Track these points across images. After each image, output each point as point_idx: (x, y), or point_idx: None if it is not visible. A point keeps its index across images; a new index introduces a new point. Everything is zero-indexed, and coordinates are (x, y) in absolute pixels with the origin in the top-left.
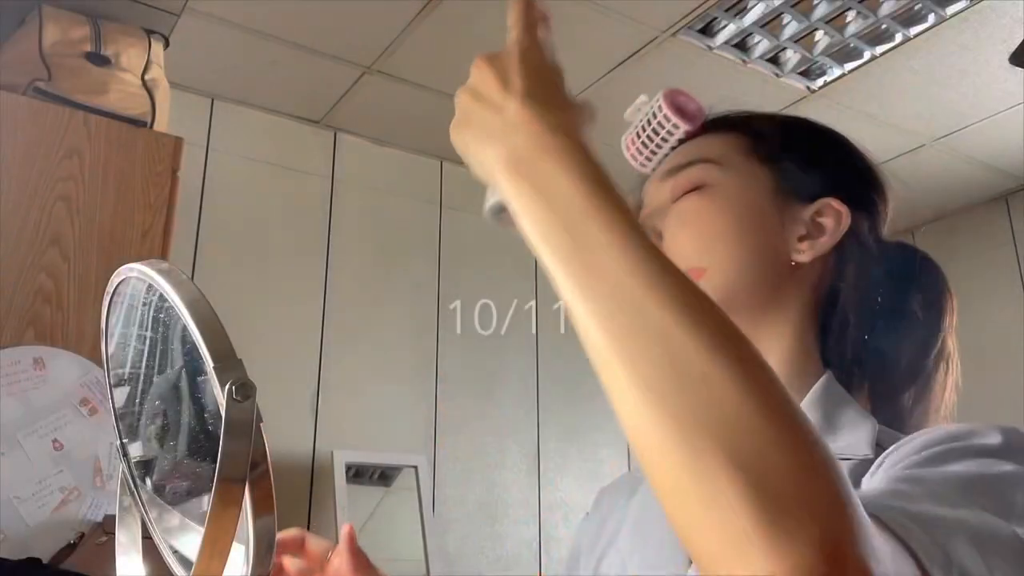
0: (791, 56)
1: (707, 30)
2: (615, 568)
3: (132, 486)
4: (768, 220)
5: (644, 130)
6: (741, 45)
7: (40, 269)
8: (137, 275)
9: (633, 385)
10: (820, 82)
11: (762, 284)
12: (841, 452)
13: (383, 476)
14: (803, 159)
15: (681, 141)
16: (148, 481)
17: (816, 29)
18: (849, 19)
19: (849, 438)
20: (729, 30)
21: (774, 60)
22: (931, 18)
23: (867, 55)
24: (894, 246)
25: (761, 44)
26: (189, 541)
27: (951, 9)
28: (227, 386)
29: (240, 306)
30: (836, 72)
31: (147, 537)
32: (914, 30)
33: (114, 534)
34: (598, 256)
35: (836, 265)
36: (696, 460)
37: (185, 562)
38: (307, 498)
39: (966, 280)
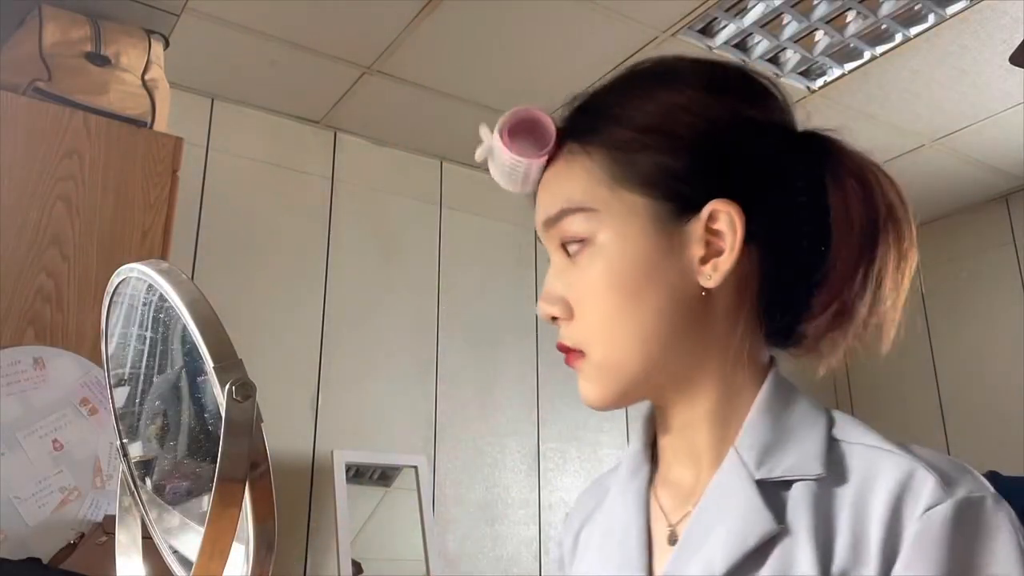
0: (791, 56)
1: (707, 30)
2: None
3: (132, 486)
4: (661, 264)
5: (501, 169)
6: (741, 45)
7: (40, 269)
8: (137, 275)
9: None
10: (820, 82)
11: (676, 339)
12: (789, 473)
13: (383, 476)
14: (670, 159)
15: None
16: (148, 481)
17: (816, 29)
18: (849, 19)
19: (797, 452)
20: (729, 30)
21: (774, 60)
22: (931, 18)
23: (867, 55)
24: (802, 173)
25: (761, 44)
26: (189, 541)
27: (951, 9)
28: (227, 386)
29: (240, 306)
30: (836, 72)
31: (147, 537)
32: (914, 30)
33: (114, 534)
34: None
35: (758, 253)
36: None
37: (185, 562)
38: (307, 498)
39: (966, 280)
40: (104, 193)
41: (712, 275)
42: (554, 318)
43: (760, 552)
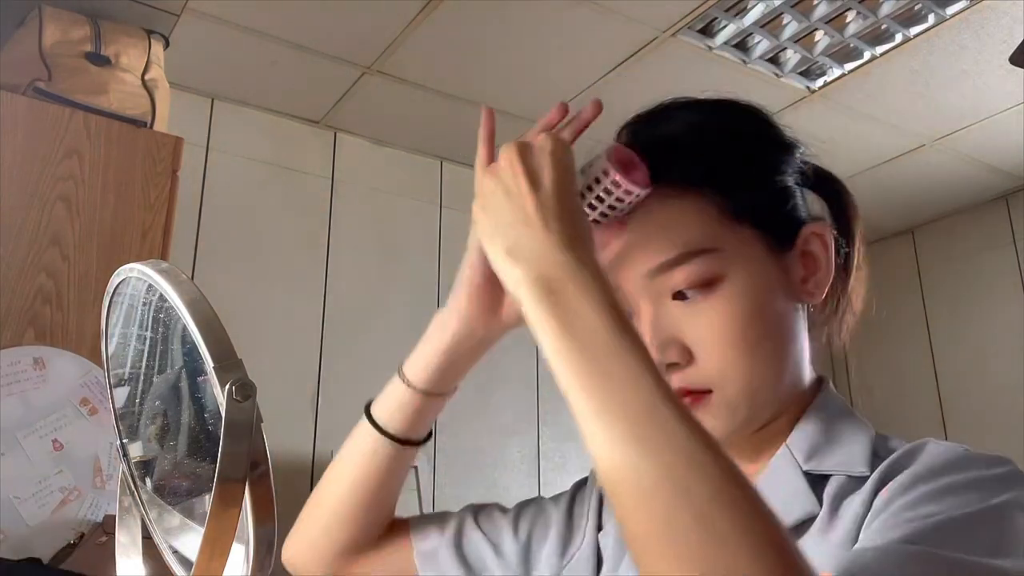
0: (791, 56)
1: (707, 30)
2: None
3: (132, 486)
4: (778, 290)
5: (588, 193)
6: (741, 45)
7: (40, 269)
8: (137, 275)
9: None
10: (820, 82)
11: (791, 357)
12: (835, 468)
13: None
14: (774, 195)
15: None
16: (148, 481)
17: (816, 29)
18: (849, 19)
19: (844, 454)
20: (729, 30)
21: (774, 60)
22: (931, 18)
23: (867, 55)
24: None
25: (761, 44)
26: (189, 541)
27: (951, 9)
28: (227, 386)
29: (240, 306)
30: (836, 72)
31: (147, 537)
32: (914, 30)
33: (114, 534)
34: (618, 390)
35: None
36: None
37: (185, 562)
38: (307, 498)
39: (966, 280)
40: (104, 193)
41: (815, 292)
42: (670, 364)
43: (796, 531)
